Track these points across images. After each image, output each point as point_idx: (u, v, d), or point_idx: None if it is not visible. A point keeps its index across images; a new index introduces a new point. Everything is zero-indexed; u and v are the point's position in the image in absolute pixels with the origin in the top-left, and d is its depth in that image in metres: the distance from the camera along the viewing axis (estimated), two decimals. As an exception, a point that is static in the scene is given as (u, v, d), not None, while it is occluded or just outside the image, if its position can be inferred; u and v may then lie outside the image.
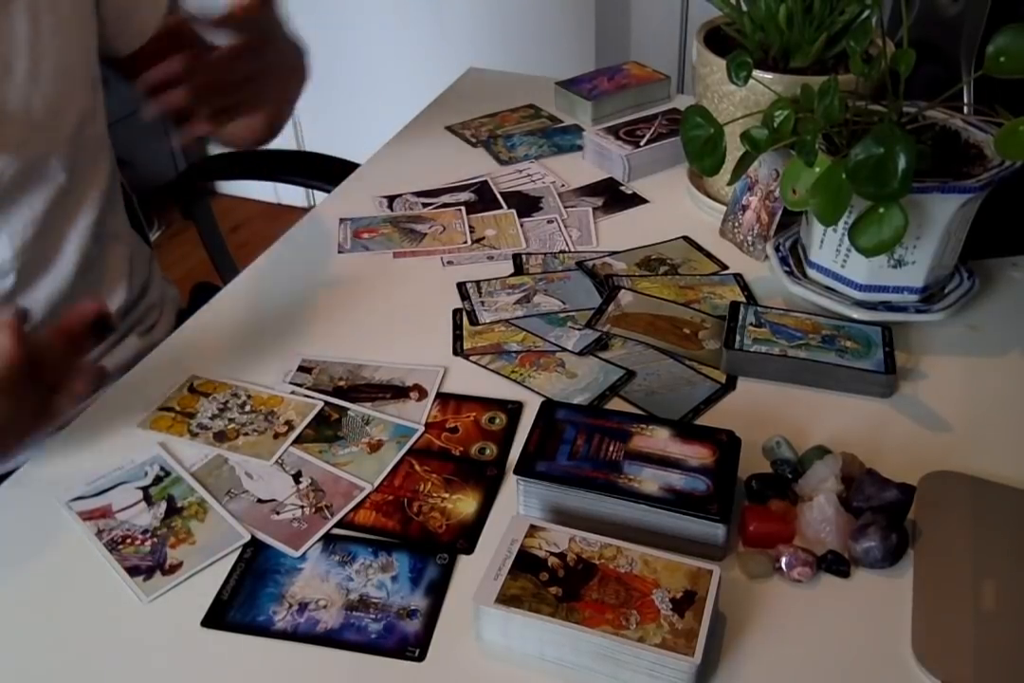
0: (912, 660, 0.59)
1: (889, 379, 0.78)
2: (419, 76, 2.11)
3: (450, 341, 0.87)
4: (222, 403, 0.80)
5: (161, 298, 1.10)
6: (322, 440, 0.77)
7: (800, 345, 0.80)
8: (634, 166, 1.10)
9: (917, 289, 0.84)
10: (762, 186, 0.94)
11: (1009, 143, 0.72)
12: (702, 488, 0.64)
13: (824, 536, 0.65)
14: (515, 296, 0.92)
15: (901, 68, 0.77)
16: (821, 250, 0.86)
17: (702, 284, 0.93)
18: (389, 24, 2.31)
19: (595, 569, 0.60)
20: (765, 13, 0.91)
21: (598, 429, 0.69)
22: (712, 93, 0.97)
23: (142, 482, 0.73)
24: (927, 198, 0.78)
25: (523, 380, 0.82)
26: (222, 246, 1.32)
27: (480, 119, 1.26)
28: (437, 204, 1.07)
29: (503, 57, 2.15)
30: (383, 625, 0.63)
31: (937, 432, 0.76)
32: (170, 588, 0.65)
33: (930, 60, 0.91)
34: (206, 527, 0.69)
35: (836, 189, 0.74)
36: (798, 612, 0.63)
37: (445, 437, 0.77)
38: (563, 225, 1.03)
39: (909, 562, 0.65)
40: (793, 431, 0.75)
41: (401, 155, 1.18)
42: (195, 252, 1.36)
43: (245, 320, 0.92)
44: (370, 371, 0.83)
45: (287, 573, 0.66)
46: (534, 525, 0.62)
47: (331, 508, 0.71)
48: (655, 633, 0.56)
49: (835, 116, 0.79)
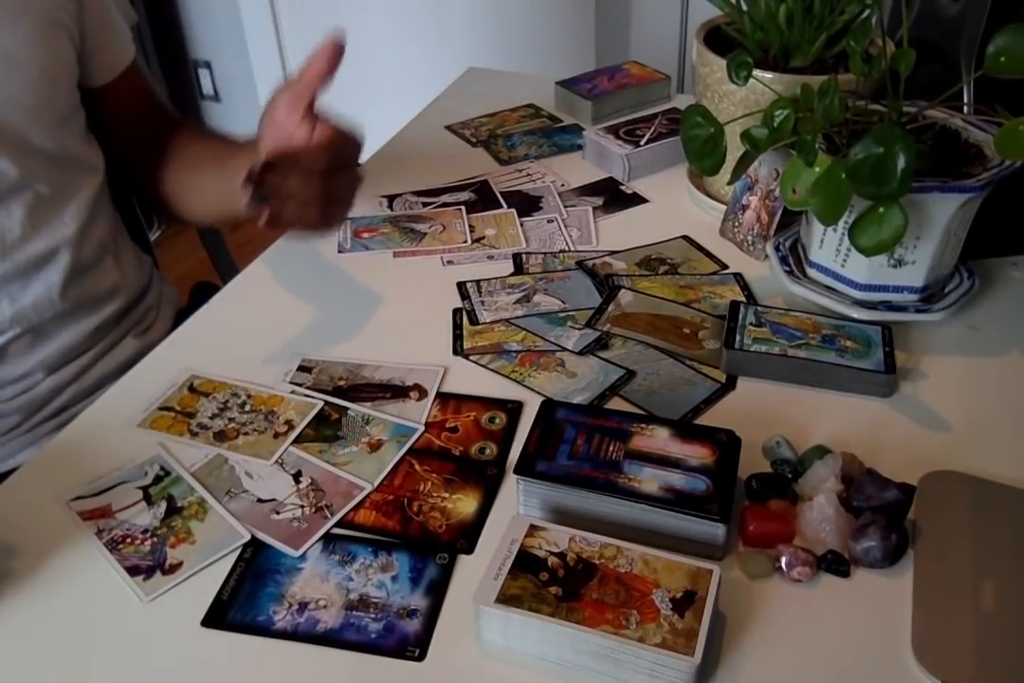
0: (912, 660, 0.59)
1: (889, 379, 0.78)
2: (419, 76, 2.12)
3: (450, 341, 0.87)
4: (222, 403, 0.80)
5: (159, 299, 1.10)
6: (322, 440, 0.77)
7: (800, 345, 0.80)
8: (634, 166, 1.10)
9: (917, 289, 0.84)
10: (762, 186, 0.94)
11: (1009, 143, 0.72)
12: (702, 488, 0.64)
13: (824, 536, 0.65)
14: (515, 296, 0.92)
15: (901, 68, 0.77)
16: (821, 250, 0.86)
17: (702, 284, 0.93)
18: (389, 24, 2.31)
19: (595, 569, 0.60)
20: (765, 13, 0.91)
21: (598, 429, 0.69)
22: (712, 93, 0.97)
23: (142, 482, 0.73)
24: (927, 198, 0.78)
25: (523, 380, 0.82)
26: (222, 246, 1.32)
27: (480, 119, 1.26)
28: (437, 204, 1.07)
29: (503, 57, 2.15)
30: (383, 625, 0.63)
31: (937, 432, 0.76)
32: (170, 588, 0.65)
33: (930, 60, 0.91)
34: (206, 527, 0.69)
35: (836, 189, 0.74)
36: (798, 612, 0.63)
37: (445, 437, 0.77)
38: (563, 225, 1.03)
39: (909, 562, 0.65)
40: (793, 431, 0.75)
41: (401, 155, 1.18)
42: (195, 252, 1.35)
43: (245, 320, 0.92)
44: (370, 371, 0.83)
45: (287, 573, 0.66)
46: (534, 525, 0.62)
47: (331, 508, 0.71)
48: (655, 633, 0.56)
49: (835, 116, 0.79)
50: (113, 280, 1.01)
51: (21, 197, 0.90)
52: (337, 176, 0.77)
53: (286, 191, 0.74)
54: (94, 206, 0.98)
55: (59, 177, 0.93)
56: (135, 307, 1.05)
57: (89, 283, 0.98)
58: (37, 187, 0.91)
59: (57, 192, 0.93)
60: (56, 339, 0.96)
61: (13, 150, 0.88)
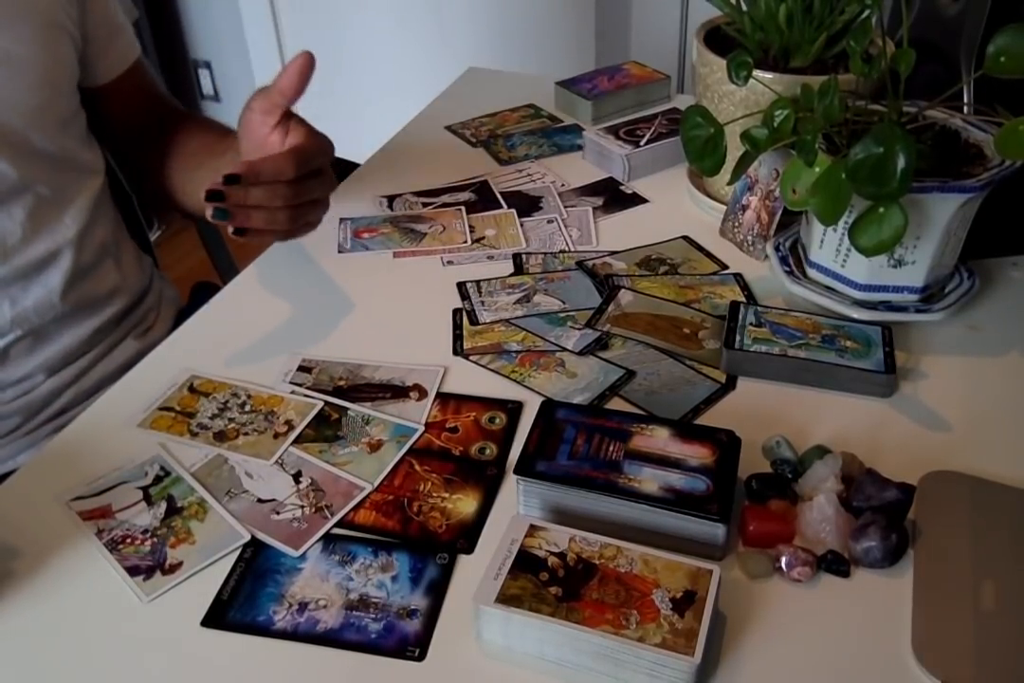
0: (912, 660, 0.59)
1: (889, 379, 0.78)
2: (419, 76, 2.12)
3: (450, 341, 0.87)
4: (222, 403, 0.80)
5: (159, 300, 1.10)
6: (322, 440, 0.77)
7: (800, 345, 0.80)
8: (634, 166, 1.10)
9: (917, 289, 0.84)
10: (762, 186, 0.94)
11: (1009, 143, 0.72)
12: (702, 488, 0.64)
13: (824, 536, 0.65)
14: (515, 296, 0.92)
15: (901, 68, 0.77)
16: (821, 250, 0.86)
17: (702, 284, 0.93)
18: (389, 24, 2.31)
19: (595, 569, 0.60)
20: (765, 13, 0.91)
21: (598, 429, 0.69)
22: (712, 93, 0.97)
23: (142, 482, 0.73)
24: (927, 198, 0.78)
25: (523, 380, 0.82)
26: (222, 246, 1.32)
27: (480, 119, 1.26)
28: (437, 204, 1.07)
29: (503, 57, 2.15)
30: (383, 625, 0.63)
31: (937, 432, 0.76)
32: (170, 588, 0.65)
33: (930, 60, 0.91)
34: (206, 527, 0.69)
35: (836, 189, 0.74)
36: (798, 612, 0.63)
37: (445, 437, 0.77)
38: (563, 225, 1.03)
39: (909, 562, 0.65)
40: (793, 431, 0.75)
41: (401, 155, 1.18)
42: (195, 252, 1.35)
43: (245, 320, 0.91)
44: (370, 371, 0.83)
45: (287, 573, 0.66)
46: (534, 525, 0.62)
47: (331, 508, 0.71)
48: (655, 633, 0.56)
49: (835, 116, 0.79)
50: (114, 281, 1.01)
51: (22, 199, 0.90)
52: (307, 182, 0.78)
53: (252, 201, 0.75)
54: (95, 208, 0.98)
55: (60, 179, 0.93)
56: (136, 308, 1.05)
57: (90, 285, 0.98)
58: (38, 189, 0.91)
59: (58, 194, 0.93)
60: (56, 341, 0.96)
61: (13, 153, 0.88)
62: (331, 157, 0.82)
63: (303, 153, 0.77)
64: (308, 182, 0.78)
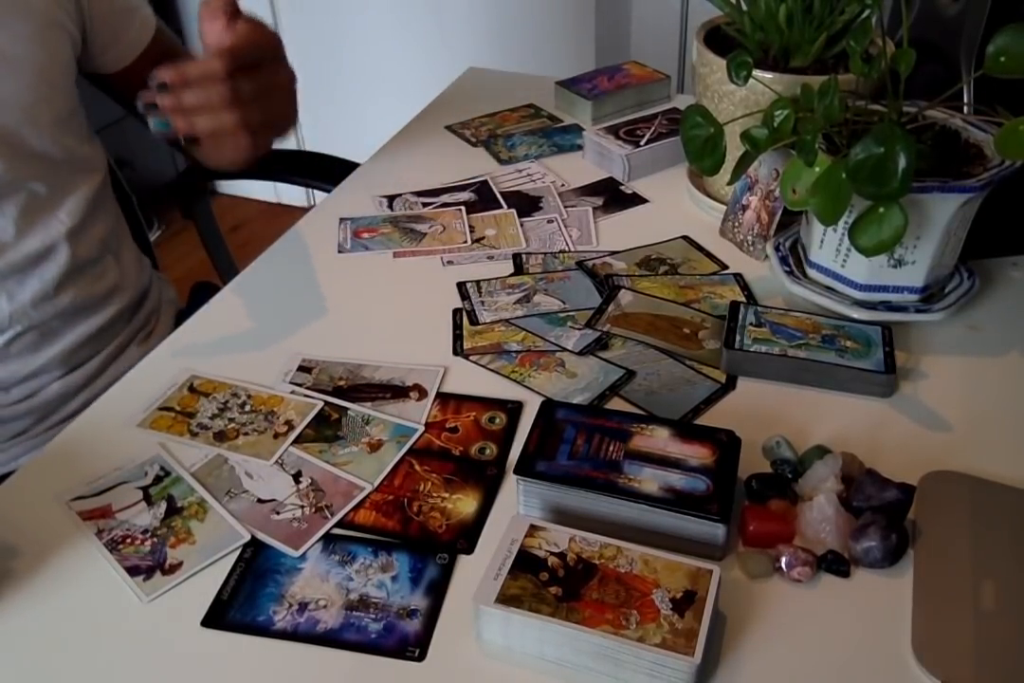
0: (912, 660, 0.59)
1: (889, 379, 0.78)
2: (419, 76, 2.12)
3: (450, 341, 0.87)
4: (222, 403, 0.80)
5: (159, 302, 1.10)
6: (322, 440, 0.77)
7: (800, 345, 0.80)
8: (634, 166, 1.10)
9: (917, 289, 0.84)
10: (762, 186, 0.94)
11: (1009, 143, 0.72)
12: (702, 488, 0.64)
13: (824, 536, 0.65)
14: (515, 296, 0.92)
15: (901, 68, 0.77)
16: (821, 250, 0.86)
17: (702, 284, 0.93)
18: (389, 24, 2.31)
19: (595, 569, 0.60)
20: (765, 13, 0.91)
21: (598, 429, 0.69)
22: (712, 93, 0.97)
23: (142, 482, 0.73)
24: (927, 198, 0.78)
25: (523, 380, 0.82)
26: (222, 246, 1.32)
27: (480, 119, 1.26)
28: (437, 204, 1.07)
29: (503, 57, 2.15)
30: (383, 625, 0.63)
31: (937, 432, 0.76)
32: (170, 588, 0.65)
33: (930, 60, 0.91)
34: (206, 527, 0.69)
35: (836, 189, 0.74)
36: (798, 612, 0.63)
37: (445, 437, 0.77)
38: (563, 225, 1.03)
39: (909, 562, 0.65)
40: (793, 431, 0.75)
41: (401, 155, 1.18)
42: (195, 252, 1.36)
43: (245, 320, 0.91)
44: (370, 371, 0.83)
45: (287, 573, 0.66)
46: (534, 525, 0.62)
47: (331, 508, 0.71)
48: (655, 633, 0.56)
49: (835, 116, 0.79)
50: (114, 279, 1.01)
51: (14, 197, 0.90)
52: (246, 78, 0.76)
53: (187, 104, 0.74)
54: (93, 204, 0.98)
55: (55, 177, 0.93)
56: (137, 311, 1.05)
57: (89, 281, 0.98)
58: (32, 186, 0.91)
59: (53, 191, 0.93)
60: (60, 340, 0.96)
61: (7, 150, 0.88)
62: (271, 50, 0.80)
63: (232, 49, 0.75)
64: (247, 78, 0.76)
